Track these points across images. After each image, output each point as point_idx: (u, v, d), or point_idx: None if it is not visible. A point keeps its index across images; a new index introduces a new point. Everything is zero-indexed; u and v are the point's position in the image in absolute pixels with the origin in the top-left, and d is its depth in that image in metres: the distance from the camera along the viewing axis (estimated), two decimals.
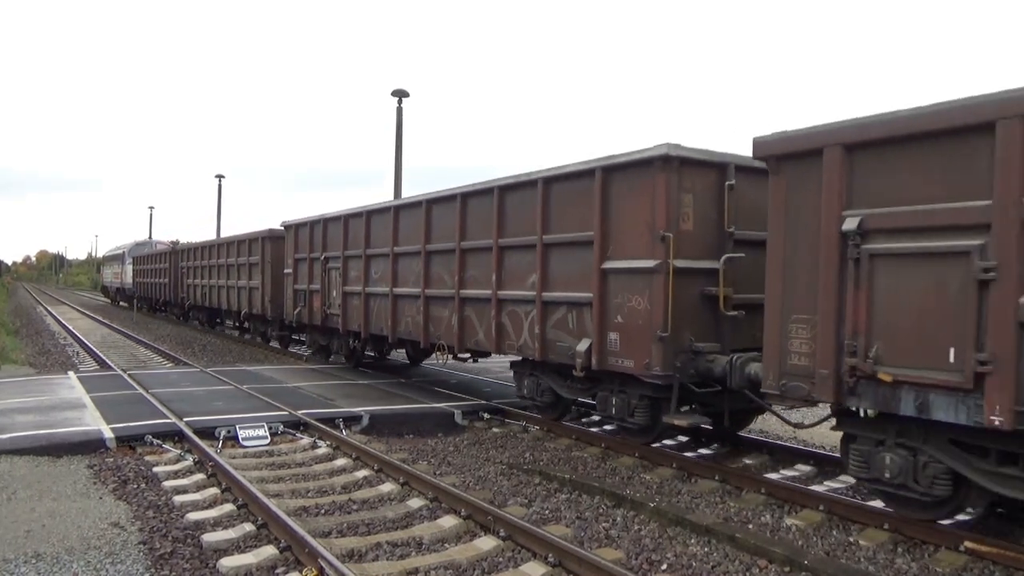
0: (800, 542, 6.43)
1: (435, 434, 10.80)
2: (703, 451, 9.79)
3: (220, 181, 48.21)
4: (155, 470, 8.32)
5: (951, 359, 5.72)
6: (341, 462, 8.89)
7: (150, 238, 53.42)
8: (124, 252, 47.24)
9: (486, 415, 11.70)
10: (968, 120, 5.64)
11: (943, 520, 6.63)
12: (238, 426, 9.83)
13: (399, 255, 13.56)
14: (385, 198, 21.34)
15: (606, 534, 6.64)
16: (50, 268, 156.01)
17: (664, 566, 5.93)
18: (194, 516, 6.74)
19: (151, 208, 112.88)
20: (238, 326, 26.29)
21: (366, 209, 14.76)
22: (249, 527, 6.41)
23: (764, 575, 5.79)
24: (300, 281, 17.83)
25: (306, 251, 17.46)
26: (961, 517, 6.96)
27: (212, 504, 7.21)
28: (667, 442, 10.06)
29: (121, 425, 9.73)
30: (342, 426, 10.48)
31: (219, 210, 48.81)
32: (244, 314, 23.46)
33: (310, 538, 5.83)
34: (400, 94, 24.92)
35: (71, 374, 14.99)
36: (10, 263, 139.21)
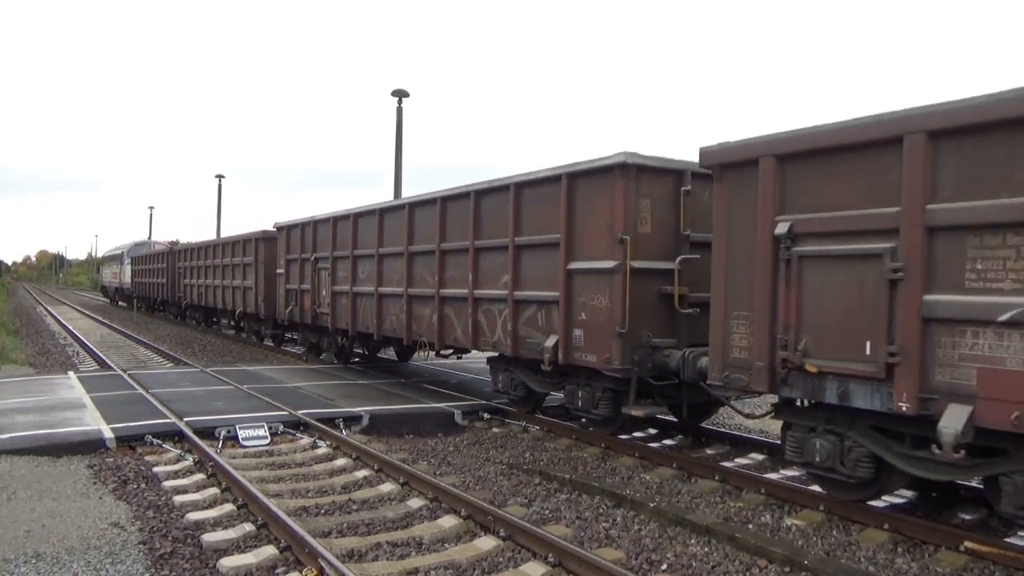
0: (800, 542, 6.43)
1: (435, 434, 10.80)
2: (667, 442, 10.22)
3: (220, 181, 48.29)
4: (155, 470, 8.33)
5: (867, 351, 6.23)
6: (341, 462, 8.89)
7: (150, 238, 53.50)
8: (123, 252, 47.35)
9: (486, 415, 11.71)
10: (881, 134, 6.16)
11: (869, 500, 7.09)
12: (238, 426, 9.83)
13: (384, 256, 14.07)
14: (385, 198, 21.50)
15: (606, 534, 6.64)
16: (50, 268, 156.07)
17: (664, 566, 5.93)
18: (194, 516, 6.74)
19: (151, 208, 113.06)
20: (233, 325, 26.60)
21: (353, 212, 15.24)
22: (249, 527, 6.41)
23: (764, 575, 5.79)
24: (292, 281, 18.33)
25: (297, 252, 17.94)
26: (962, 517, 6.98)
27: (212, 504, 7.21)
28: (637, 434, 10.49)
29: (121, 425, 9.73)
30: (342, 426, 10.48)
31: (219, 210, 48.90)
32: (239, 313, 23.83)
33: (310, 538, 5.83)
34: (400, 94, 24.94)
35: (71, 374, 14.99)
36: (10, 263, 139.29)
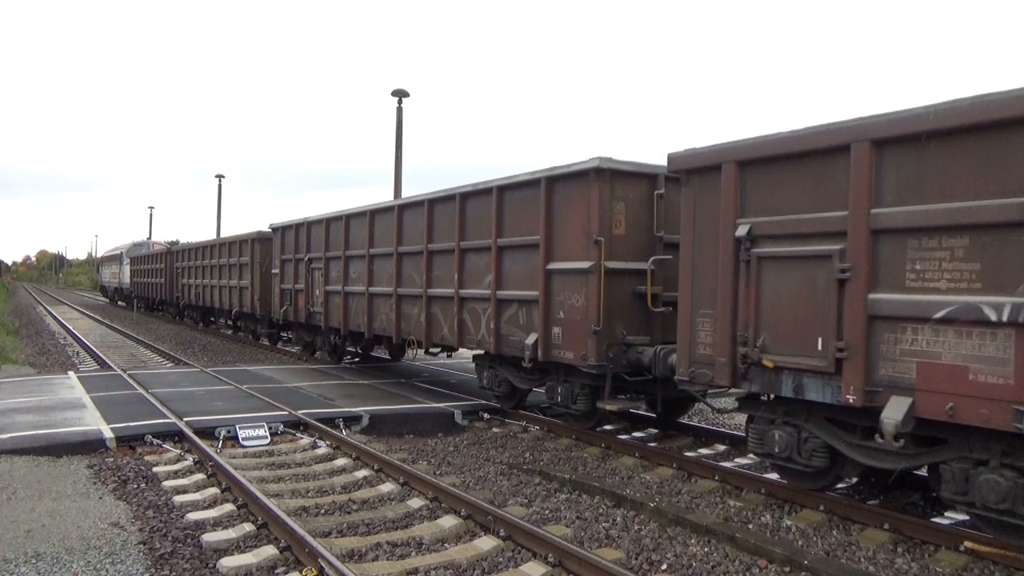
0: (800, 542, 6.43)
1: (435, 434, 10.81)
2: (636, 434, 10.65)
3: (220, 181, 48.28)
4: (155, 470, 8.32)
5: (819, 347, 6.59)
6: (341, 462, 8.89)
7: (150, 238, 53.54)
8: (122, 253, 47.51)
9: (486, 415, 11.71)
10: (830, 143, 6.51)
11: (825, 489, 7.41)
12: (238, 426, 9.83)
13: (374, 256, 14.41)
14: (385, 198, 21.56)
15: (606, 534, 6.64)
16: (50, 268, 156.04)
17: (664, 566, 5.93)
18: (194, 516, 6.74)
19: (151, 208, 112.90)
20: (230, 324, 26.90)
21: (345, 213, 15.57)
22: (249, 527, 6.41)
23: (764, 575, 5.79)
24: (286, 281, 18.72)
25: (291, 252, 18.31)
26: (962, 517, 6.98)
27: (212, 504, 7.21)
28: (607, 427, 10.86)
29: (121, 425, 9.73)
30: (342, 426, 10.48)
31: (219, 210, 48.89)
32: (235, 313, 24.20)
33: (310, 538, 5.83)
34: (400, 94, 24.95)
35: (71, 374, 15.00)
36: (10, 263, 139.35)
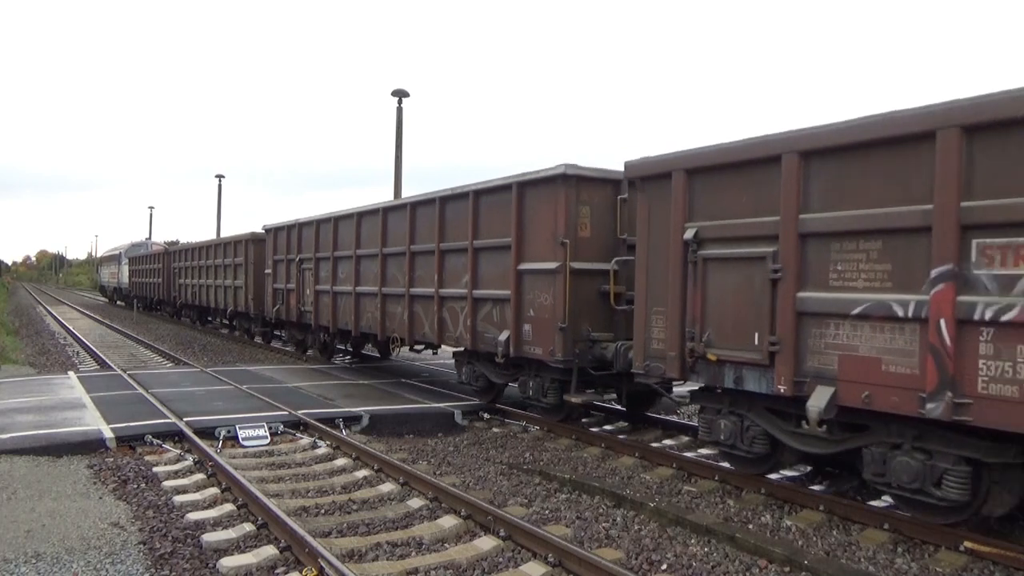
0: (800, 542, 6.43)
1: (435, 434, 10.81)
2: (606, 427, 11.14)
3: (220, 181, 48.29)
4: (155, 470, 8.33)
5: (756, 341, 7.11)
6: (341, 462, 8.89)
7: (149, 238, 53.60)
8: (121, 253, 47.66)
9: (486, 415, 11.72)
10: (764, 153, 7.02)
11: (767, 474, 7.98)
12: (238, 426, 9.83)
13: (361, 257, 14.96)
14: (385, 198, 21.69)
15: (606, 534, 6.64)
16: (50, 268, 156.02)
17: (664, 566, 5.93)
18: (194, 516, 6.74)
19: (151, 208, 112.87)
20: (225, 323, 27.29)
21: (334, 215, 16.13)
22: (249, 527, 6.41)
23: (764, 575, 5.79)
24: (279, 281, 19.24)
25: (283, 253, 18.84)
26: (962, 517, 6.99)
27: (212, 504, 7.21)
28: (583, 420, 11.35)
29: (121, 425, 9.73)
30: (342, 426, 10.49)
31: (219, 210, 48.91)
32: (230, 312, 24.62)
33: (310, 538, 5.83)
34: (400, 94, 24.95)
35: (71, 374, 14.99)
36: (10, 263, 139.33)
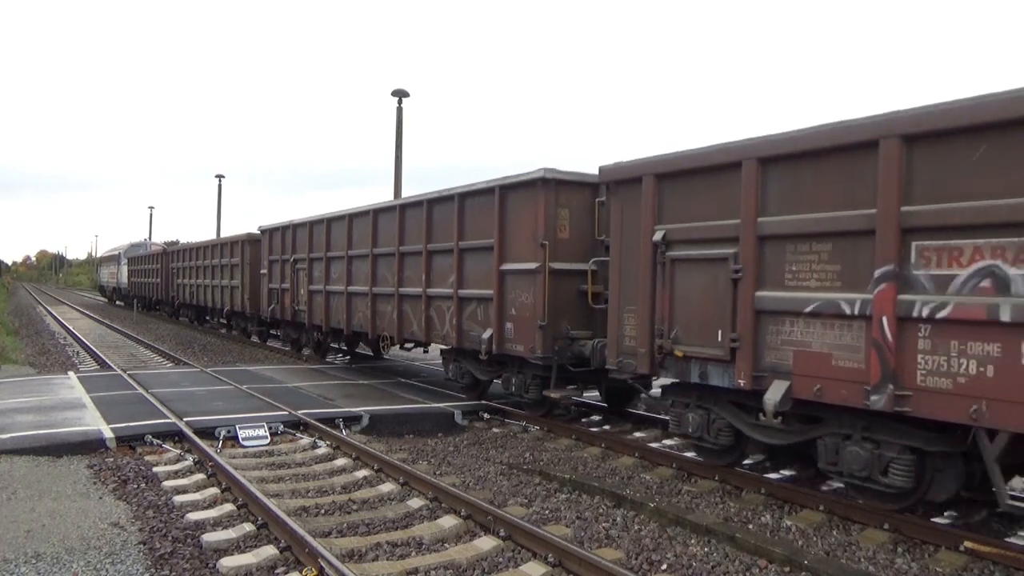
0: (800, 542, 6.43)
1: (435, 434, 10.81)
2: (582, 420, 11.54)
3: (220, 181, 48.29)
4: (155, 470, 8.32)
5: (718, 338, 7.48)
6: (341, 462, 8.89)
7: (149, 238, 53.65)
8: (120, 253, 47.76)
9: (486, 415, 11.71)
10: (725, 159, 7.42)
11: (734, 465, 8.33)
12: (238, 426, 9.83)
13: (353, 257, 15.36)
14: (385, 197, 21.82)
15: (606, 534, 6.64)
16: (50, 268, 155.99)
17: (664, 566, 5.93)
18: (194, 516, 6.74)
19: (151, 208, 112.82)
20: (222, 323, 27.60)
21: (326, 216, 16.52)
22: (249, 527, 6.41)
23: (764, 575, 5.79)
24: (274, 280, 19.71)
25: (278, 253, 19.31)
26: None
27: (212, 504, 7.21)
28: (561, 414, 11.61)
29: (121, 425, 9.73)
30: (342, 426, 10.49)
31: (219, 210, 48.91)
32: (227, 311, 25.06)
33: (310, 538, 5.83)
34: (400, 94, 24.95)
35: (71, 374, 14.99)
36: (10, 263, 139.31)
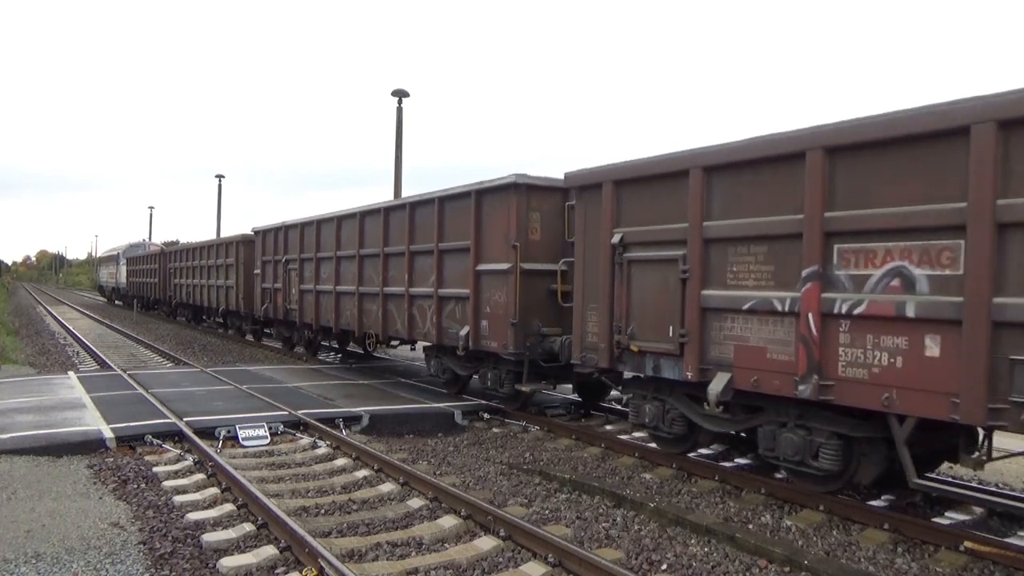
0: (800, 542, 6.43)
1: (435, 434, 10.81)
2: (549, 411, 11.91)
3: (220, 181, 48.26)
4: (155, 470, 8.32)
5: (670, 334, 8.03)
6: (341, 462, 8.89)
7: (149, 238, 53.66)
8: (119, 253, 47.86)
9: (486, 415, 11.71)
10: (675, 167, 7.92)
11: (688, 453, 8.86)
12: (238, 426, 9.83)
13: (341, 258, 15.88)
14: (386, 197, 21.98)
15: (606, 534, 6.64)
16: (50, 268, 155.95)
17: (664, 566, 5.93)
18: (194, 516, 6.74)
19: (151, 208, 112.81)
20: (219, 322, 28.01)
21: (316, 219, 17.08)
22: (249, 527, 6.41)
23: (764, 575, 5.79)
24: (267, 280, 20.24)
25: (271, 254, 19.85)
26: (962, 517, 6.99)
27: (212, 504, 7.21)
28: (546, 409, 12.00)
29: (121, 425, 9.73)
30: (342, 426, 10.48)
31: (219, 210, 48.88)
32: (222, 310, 25.62)
33: (310, 538, 5.83)
34: (400, 94, 24.94)
35: (71, 374, 14.99)
36: (10, 263, 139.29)
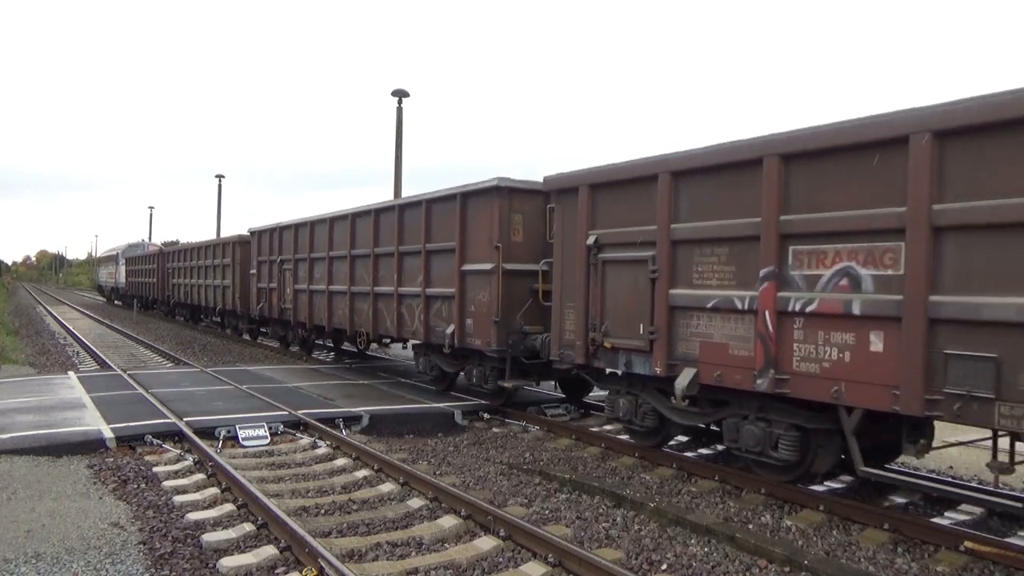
0: (800, 542, 6.43)
1: (435, 434, 10.81)
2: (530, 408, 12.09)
3: (220, 181, 48.25)
4: (155, 470, 8.32)
5: (640, 331, 8.39)
6: (341, 462, 8.89)
7: (149, 238, 53.66)
8: (118, 253, 47.92)
9: (486, 415, 11.72)
10: (645, 172, 8.34)
11: (660, 446, 9.22)
12: (238, 426, 9.83)
13: (334, 258, 16.20)
14: (385, 197, 22.08)
15: (606, 534, 6.64)
16: (50, 268, 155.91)
17: (664, 566, 5.93)
18: (194, 516, 6.74)
19: (151, 208, 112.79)
20: (216, 321, 28.28)
21: (309, 220, 17.45)
22: (249, 527, 6.41)
23: (764, 575, 5.79)
24: (262, 280, 20.60)
25: (266, 254, 20.19)
26: (961, 517, 6.99)
27: (212, 504, 7.21)
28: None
29: (121, 425, 9.73)
30: (342, 426, 10.48)
31: (219, 210, 48.88)
32: (219, 310, 25.94)
33: (310, 538, 5.83)
34: (400, 94, 24.93)
35: (71, 374, 14.99)
36: (10, 263, 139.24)
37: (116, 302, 50.00)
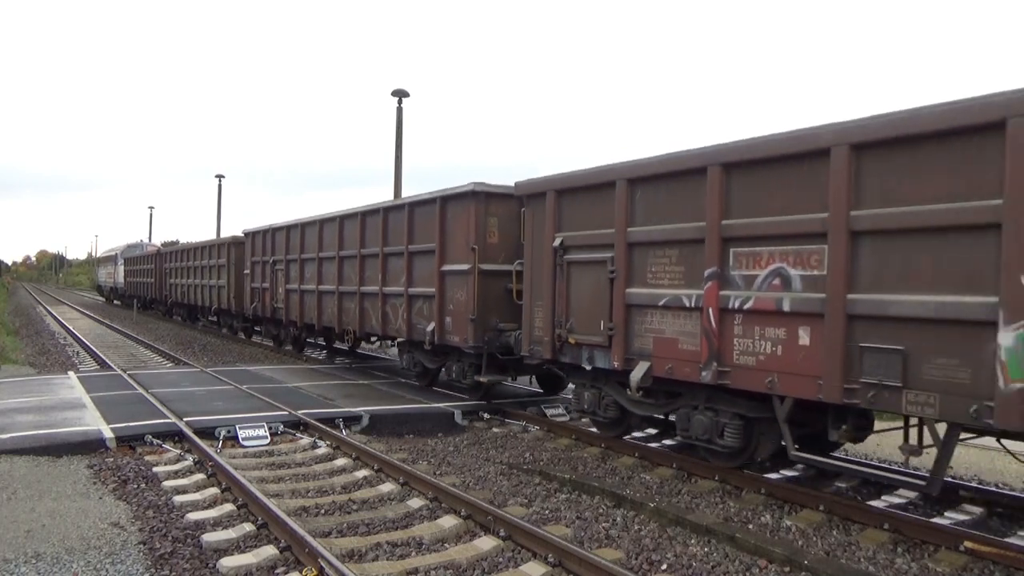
0: (800, 542, 6.43)
1: (435, 434, 10.81)
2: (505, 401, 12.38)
3: (220, 181, 48.23)
4: (155, 470, 8.32)
5: (601, 328, 8.87)
6: (341, 462, 8.89)
7: (149, 239, 53.67)
8: (117, 254, 48.03)
9: (486, 415, 11.72)
10: (604, 179, 8.81)
11: (622, 436, 9.70)
12: (238, 426, 9.83)
13: (323, 259, 16.69)
14: (385, 197, 22.16)
15: (606, 534, 6.64)
16: (50, 268, 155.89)
17: (664, 566, 5.93)
18: (194, 516, 6.74)
19: (151, 208, 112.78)
20: (212, 320, 28.65)
21: (301, 221, 17.89)
22: (249, 527, 6.41)
23: (764, 575, 5.80)
24: (256, 280, 21.09)
25: (260, 255, 20.71)
26: (961, 517, 6.99)
27: (212, 504, 7.21)
28: (501, 401, 12.37)
29: (121, 425, 9.73)
30: (342, 426, 10.49)
31: (219, 210, 48.86)
32: (214, 309, 26.40)
33: (310, 538, 5.83)
34: (400, 94, 24.92)
35: (71, 374, 14.99)
36: (10, 263, 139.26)
37: (115, 302, 50.10)
